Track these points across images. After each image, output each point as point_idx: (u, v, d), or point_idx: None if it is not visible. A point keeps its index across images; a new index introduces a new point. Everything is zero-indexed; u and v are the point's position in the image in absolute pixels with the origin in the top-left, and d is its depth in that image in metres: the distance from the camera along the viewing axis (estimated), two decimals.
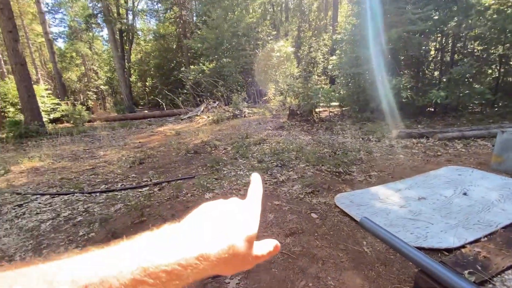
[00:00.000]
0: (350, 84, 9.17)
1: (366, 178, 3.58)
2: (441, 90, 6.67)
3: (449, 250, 2.05)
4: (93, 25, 18.06)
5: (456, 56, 7.93)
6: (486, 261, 1.65)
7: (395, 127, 6.37)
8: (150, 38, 22.94)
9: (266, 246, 0.34)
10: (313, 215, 2.65)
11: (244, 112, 10.30)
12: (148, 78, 23.25)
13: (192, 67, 13.83)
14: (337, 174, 3.73)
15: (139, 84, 24.42)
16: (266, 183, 3.53)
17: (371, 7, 7.42)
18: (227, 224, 0.30)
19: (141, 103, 23.80)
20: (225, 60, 13.39)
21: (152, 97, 21.64)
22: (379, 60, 7.36)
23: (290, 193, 3.18)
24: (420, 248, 2.05)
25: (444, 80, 7.33)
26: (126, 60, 18.20)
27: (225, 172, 4.10)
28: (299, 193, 3.16)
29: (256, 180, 0.39)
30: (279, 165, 4.23)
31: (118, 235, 2.47)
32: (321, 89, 8.21)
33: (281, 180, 3.58)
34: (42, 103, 10.76)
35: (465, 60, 6.94)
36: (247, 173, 3.97)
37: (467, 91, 6.86)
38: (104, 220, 2.70)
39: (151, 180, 3.95)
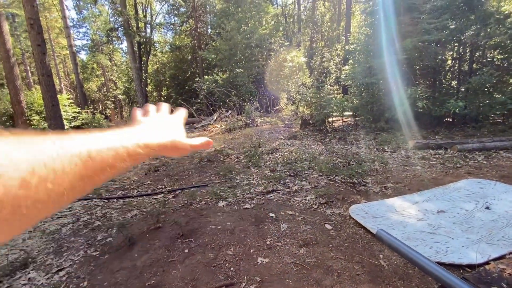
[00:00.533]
0: (363, 94, 9.08)
1: (381, 189, 3.51)
2: (460, 100, 6.49)
3: (471, 267, 1.96)
4: (114, 38, 19.01)
5: (474, 65, 7.73)
6: None
7: (411, 138, 6.22)
8: (166, 49, 23.79)
9: (199, 140, 0.49)
10: (327, 226, 2.62)
11: (256, 121, 10.39)
12: (163, 88, 23.99)
13: (206, 77, 14.18)
14: (352, 184, 3.67)
15: (155, 93, 25.20)
16: (279, 193, 3.53)
17: (385, 17, 7.42)
18: (168, 127, 0.46)
19: None
20: (238, 70, 13.66)
21: None
22: (393, 69, 7.28)
23: (304, 203, 3.16)
24: (440, 264, 1.97)
25: (463, 89, 7.13)
26: (143, 71, 18.93)
27: (237, 180, 4.13)
28: (312, 203, 3.14)
29: (182, 111, 0.54)
30: (292, 174, 4.22)
31: (135, 240, 2.53)
32: (334, 99, 8.18)
33: (294, 190, 3.56)
34: (64, 111, 11.32)
35: (484, 69, 6.75)
36: (260, 182, 3.98)
37: (488, 101, 6.63)
38: (121, 226, 2.77)
39: (165, 188, 4.03)
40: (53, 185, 0.25)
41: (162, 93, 24.47)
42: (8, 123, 11.94)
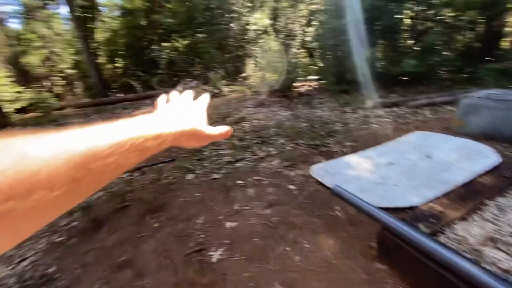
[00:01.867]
0: (327, 57, 9.16)
1: (341, 148, 3.76)
2: (413, 58, 6.85)
3: (412, 209, 2.27)
4: (49, 2, 16.30)
5: (429, 23, 8.05)
6: (440, 215, 1.86)
7: (370, 98, 6.56)
8: (117, 15, 21.17)
9: (218, 129, 0.49)
10: (291, 187, 2.79)
11: (223, 90, 10.11)
12: (118, 59, 21.81)
13: (164, 44, 13.11)
14: (314, 146, 3.87)
15: (109, 65, 22.91)
16: (246, 161, 3.62)
17: None
18: (188, 114, 0.45)
19: (114, 86, 22.54)
20: (199, 35, 12.77)
21: (125, 79, 20.50)
22: (355, 30, 7.34)
23: (270, 168, 3.30)
24: (388, 209, 2.24)
25: (416, 49, 7.50)
26: (91, 40, 16.87)
27: (206, 152, 4.12)
28: (277, 167, 3.29)
29: (205, 96, 0.56)
30: (260, 142, 4.31)
31: (101, 221, 2.50)
32: (299, 63, 8.16)
33: (261, 157, 3.67)
34: (3, 92, 9.94)
35: (434, 28, 7.09)
36: (228, 152, 4.03)
37: (437, 59, 7.09)
38: (85, 209, 2.69)
39: None
40: (48, 190, 0.21)
41: (118, 64, 22.32)
42: None
